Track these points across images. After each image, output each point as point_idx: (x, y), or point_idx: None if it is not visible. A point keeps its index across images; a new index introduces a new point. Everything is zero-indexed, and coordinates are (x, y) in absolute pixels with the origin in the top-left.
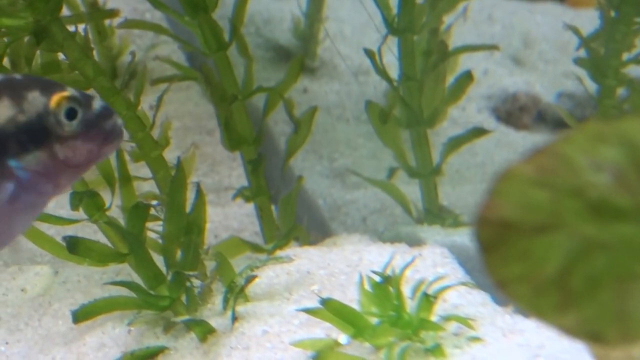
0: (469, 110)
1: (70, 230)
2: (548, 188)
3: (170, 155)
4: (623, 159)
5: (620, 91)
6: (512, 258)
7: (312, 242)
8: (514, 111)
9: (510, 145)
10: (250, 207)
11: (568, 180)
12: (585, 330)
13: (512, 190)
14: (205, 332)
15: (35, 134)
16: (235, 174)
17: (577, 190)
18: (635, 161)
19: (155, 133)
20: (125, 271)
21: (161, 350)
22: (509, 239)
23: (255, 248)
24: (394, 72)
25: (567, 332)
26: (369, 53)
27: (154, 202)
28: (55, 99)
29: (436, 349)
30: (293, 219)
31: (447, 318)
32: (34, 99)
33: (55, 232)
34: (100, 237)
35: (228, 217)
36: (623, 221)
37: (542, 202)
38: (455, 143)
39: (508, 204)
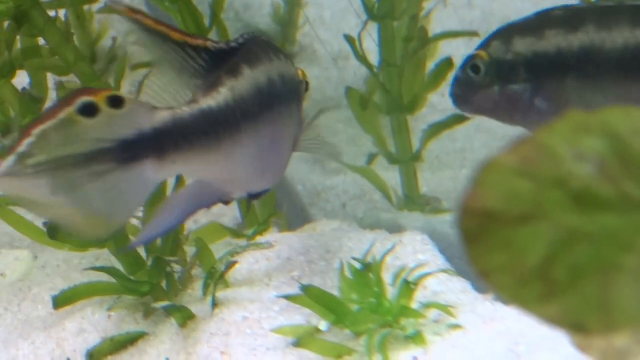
0: (448, 97)
1: None
2: (531, 178)
3: None
4: (606, 149)
5: None
6: (494, 248)
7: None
8: None
9: (490, 130)
10: None
11: (551, 170)
12: (568, 320)
13: (495, 180)
14: (185, 317)
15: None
16: None
17: (560, 181)
18: (617, 152)
19: None
20: (105, 256)
21: (141, 335)
22: (491, 229)
23: (235, 234)
24: (373, 57)
25: (549, 322)
26: (348, 39)
27: None
28: None
29: (416, 336)
30: (272, 205)
31: (428, 305)
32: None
33: (33, 216)
34: None
35: None
36: (606, 211)
37: (525, 192)
38: (435, 129)
39: (491, 194)
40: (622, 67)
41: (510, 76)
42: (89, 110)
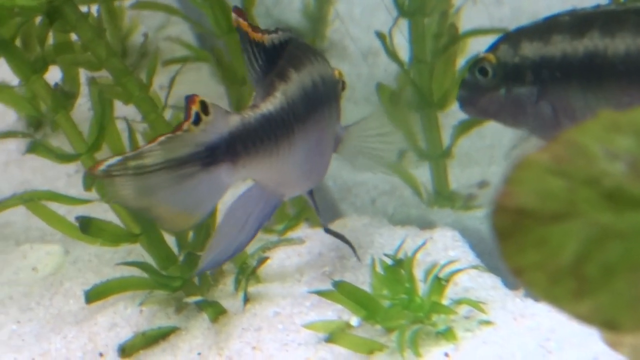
0: None
1: (80, 210)
2: (564, 176)
3: None
4: (637, 148)
5: None
6: (528, 246)
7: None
8: None
9: None
10: None
11: (583, 169)
12: (599, 318)
13: (528, 178)
14: (217, 312)
15: None
16: None
17: (593, 179)
18: None
19: (167, 114)
20: (137, 251)
21: (173, 330)
22: (525, 227)
23: (266, 229)
24: (404, 54)
25: (581, 319)
26: (379, 35)
27: None
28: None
29: (447, 332)
30: (303, 201)
31: (459, 301)
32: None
33: (66, 211)
34: (110, 217)
35: None
36: (638, 209)
37: (558, 190)
38: (465, 125)
39: (524, 192)
40: (626, 73)
41: (517, 80)
42: (197, 119)
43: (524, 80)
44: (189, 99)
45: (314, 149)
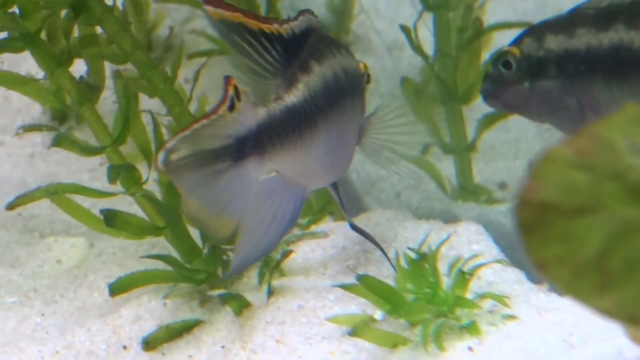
0: None
1: (104, 203)
2: (588, 171)
3: None
4: None
5: None
6: (551, 239)
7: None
8: None
9: None
10: None
11: (608, 163)
12: (623, 312)
13: (552, 172)
14: (241, 306)
15: None
16: None
17: (617, 173)
18: None
19: (192, 107)
20: (161, 244)
21: (197, 323)
22: (548, 221)
23: None
24: (428, 48)
25: (605, 313)
26: (404, 29)
27: None
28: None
29: (471, 326)
30: (327, 194)
31: (482, 295)
32: None
33: (90, 204)
34: (134, 210)
35: None
36: None
37: (582, 184)
38: (489, 119)
39: (548, 186)
40: None
41: (541, 73)
42: (232, 104)
43: (548, 73)
44: (227, 79)
45: (336, 141)
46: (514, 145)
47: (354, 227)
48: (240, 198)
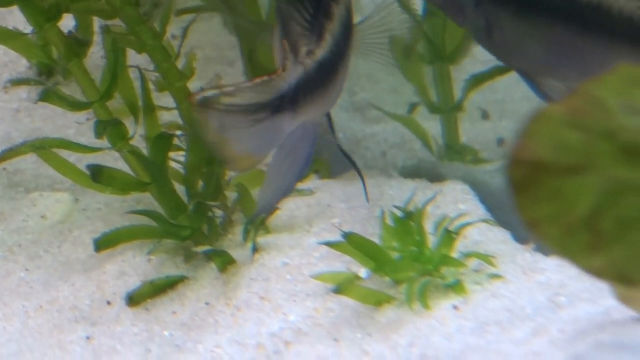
0: None
1: (90, 158)
2: (581, 130)
3: (191, 86)
4: None
5: None
6: (543, 198)
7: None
8: None
9: None
10: None
11: (601, 122)
12: (613, 272)
13: (544, 131)
14: (225, 263)
15: None
16: None
17: (610, 133)
18: None
19: (180, 64)
20: (146, 200)
21: (181, 279)
22: (540, 180)
23: None
24: (417, 8)
25: (595, 273)
26: None
27: (178, 133)
28: None
29: (457, 285)
30: (313, 153)
31: (468, 255)
32: None
33: (76, 159)
34: (119, 166)
35: None
36: None
37: (575, 143)
38: (477, 80)
39: (540, 145)
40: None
41: None
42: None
43: None
44: (284, 43)
45: (345, 75)
46: (500, 106)
47: (342, 150)
48: (269, 145)
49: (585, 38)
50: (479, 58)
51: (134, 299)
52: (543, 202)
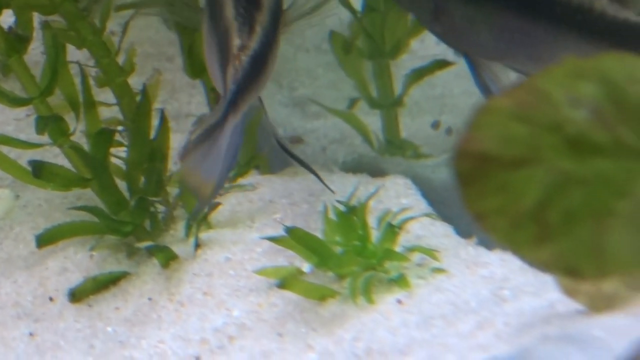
0: (427, 42)
1: (30, 154)
2: (527, 122)
3: (131, 81)
4: (601, 95)
5: None
6: (490, 191)
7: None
8: None
9: (469, 77)
10: None
11: (547, 115)
12: (560, 264)
13: (491, 123)
14: (167, 258)
15: None
16: (195, 101)
17: (556, 125)
18: (612, 98)
19: (120, 59)
20: (87, 196)
21: (123, 275)
22: (487, 172)
23: None
24: (357, 3)
25: (542, 265)
26: None
27: (119, 128)
28: None
29: (400, 279)
30: (253, 148)
31: (411, 249)
32: None
33: (16, 155)
34: (60, 162)
35: None
36: (600, 157)
37: (521, 136)
38: (416, 75)
39: (487, 137)
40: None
41: None
42: None
43: None
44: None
45: (275, 60)
46: (439, 101)
47: (281, 145)
48: (221, 157)
49: (534, 24)
50: (418, 53)
51: (76, 295)
52: (490, 194)
